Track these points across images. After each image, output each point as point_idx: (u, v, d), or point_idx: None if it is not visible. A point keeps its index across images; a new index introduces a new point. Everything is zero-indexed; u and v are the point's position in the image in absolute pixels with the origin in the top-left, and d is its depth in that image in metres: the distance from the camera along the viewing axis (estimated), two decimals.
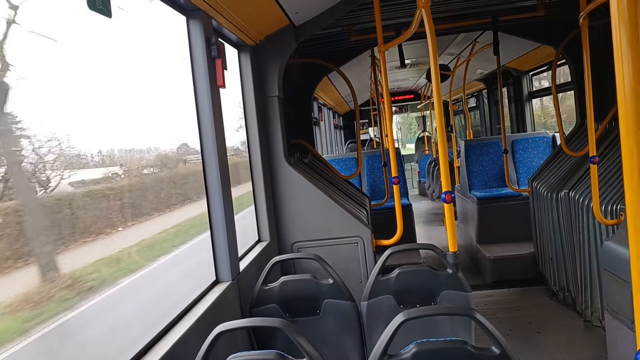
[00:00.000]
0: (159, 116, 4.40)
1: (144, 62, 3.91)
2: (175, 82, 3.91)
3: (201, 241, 4.39)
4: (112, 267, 3.63)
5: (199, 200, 4.86)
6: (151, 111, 4.25)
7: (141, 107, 4.02)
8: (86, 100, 3.18)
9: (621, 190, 4.03)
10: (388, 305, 2.85)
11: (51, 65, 2.71)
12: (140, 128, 4.22)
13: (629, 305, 2.93)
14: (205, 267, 3.12)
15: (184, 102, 3.08)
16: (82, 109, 3.16)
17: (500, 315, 5.05)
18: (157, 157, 4.79)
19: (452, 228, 2.98)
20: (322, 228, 4.06)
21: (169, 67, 4.14)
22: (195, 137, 2.99)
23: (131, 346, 2.19)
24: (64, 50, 2.67)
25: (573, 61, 5.47)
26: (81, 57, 2.93)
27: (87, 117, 3.25)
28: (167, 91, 4.33)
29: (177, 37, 2.93)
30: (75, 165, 3.22)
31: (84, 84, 3.13)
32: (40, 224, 2.81)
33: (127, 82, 3.68)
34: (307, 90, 5.77)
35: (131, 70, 3.70)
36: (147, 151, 4.60)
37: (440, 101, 2.89)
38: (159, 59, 4.09)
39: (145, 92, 4.07)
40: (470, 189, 7.02)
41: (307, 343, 1.81)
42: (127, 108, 3.77)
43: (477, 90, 11.53)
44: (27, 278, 2.62)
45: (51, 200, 2.98)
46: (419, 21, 2.99)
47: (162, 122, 4.57)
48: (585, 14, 3.67)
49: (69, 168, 3.08)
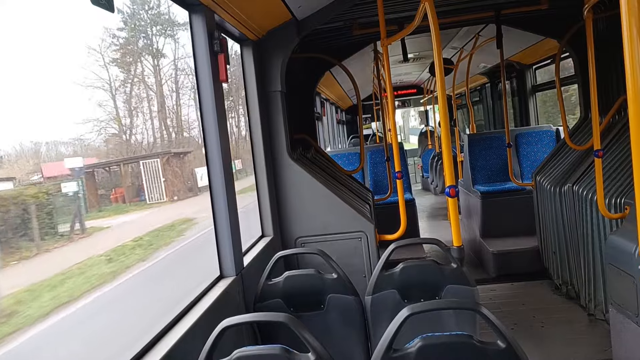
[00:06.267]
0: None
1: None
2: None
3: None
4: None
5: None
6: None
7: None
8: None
9: (625, 183, 4.01)
10: (392, 299, 2.85)
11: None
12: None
13: (633, 298, 2.92)
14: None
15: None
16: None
17: (504, 310, 5.05)
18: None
19: (456, 222, 2.97)
20: (325, 223, 4.05)
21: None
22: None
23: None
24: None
25: (577, 54, 5.44)
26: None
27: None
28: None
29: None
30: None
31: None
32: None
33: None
34: (309, 84, 5.76)
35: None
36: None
37: (444, 95, 2.88)
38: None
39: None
40: (474, 183, 7.00)
41: (312, 338, 1.82)
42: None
43: (481, 84, 11.49)
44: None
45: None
46: (422, 15, 2.98)
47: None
48: (589, 6, 3.65)
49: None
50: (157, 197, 10.97)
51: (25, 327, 3.28)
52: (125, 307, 4.54)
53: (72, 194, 5.40)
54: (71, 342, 3.75)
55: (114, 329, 4.07)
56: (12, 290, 3.39)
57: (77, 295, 4.23)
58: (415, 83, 15.88)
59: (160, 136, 12.86)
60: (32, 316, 3.43)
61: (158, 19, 13.35)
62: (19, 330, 3.22)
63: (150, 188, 10.90)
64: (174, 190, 11.25)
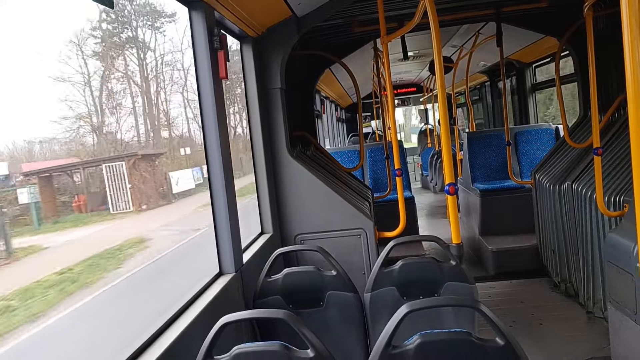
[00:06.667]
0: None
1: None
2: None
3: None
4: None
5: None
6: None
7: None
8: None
9: (624, 182, 4.02)
10: (391, 296, 2.85)
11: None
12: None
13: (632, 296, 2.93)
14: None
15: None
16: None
17: (503, 307, 5.06)
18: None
19: (455, 220, 2.98)
20: (325, 220, 4.06)
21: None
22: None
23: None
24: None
25: (577, 52, 5.44)
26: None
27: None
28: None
29: None
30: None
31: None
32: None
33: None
34: (309, 82, 5.75)
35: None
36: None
37: (443, 93, 2.89)
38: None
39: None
40: (473, 181, 7.01)
41: (311, 334, 1.82)
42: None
43: (480, 82, 11.48)
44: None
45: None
46: (422, 12, 2.98)
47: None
48: (589, 4, 3.65)
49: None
50: (124, 206, 9.70)
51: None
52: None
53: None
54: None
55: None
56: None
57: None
58: (415, 81, 15.88)
59: (137, 135, 12.01)
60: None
61: (142, 10, 12.86)
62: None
63: (115, 195, 9.62)
64: (142, 198, 10.00)
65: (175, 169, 11.12)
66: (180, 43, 19.51)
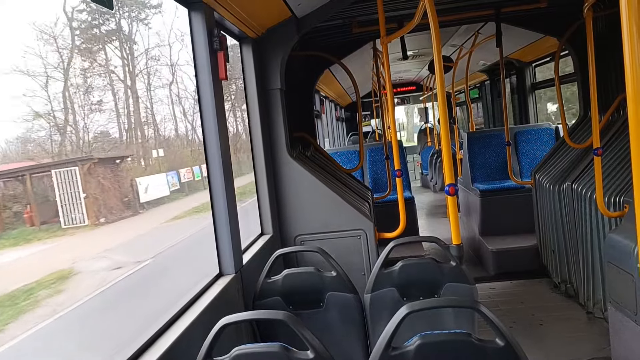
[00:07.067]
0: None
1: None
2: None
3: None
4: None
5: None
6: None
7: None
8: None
9: (624, 182, 4.02)
10: (391, 297, 2.85)
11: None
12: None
13: (632, 297, 2.93)
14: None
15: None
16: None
17: (503, 308, 5.06)
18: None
19: (455, 220, 2.98)
20: (324, 221, 4.06)
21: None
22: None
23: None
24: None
25: (576, 52, 5.44)
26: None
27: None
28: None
29: None
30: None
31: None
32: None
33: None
34: (309, 82, 5.75)
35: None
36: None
37: (443, 93, 2.89)
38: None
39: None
40: (473, 181, 7.01)
41: (311, 335, 1.82)
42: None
43: (480, 81, 11.48)
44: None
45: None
46: (422, 13, 2.98)
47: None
48: (589, 4, 3.65)
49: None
50: (79, 219, 8.23)
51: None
52: None
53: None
54: None
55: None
56: None
57: None
58: (415, 80, 15.87)
59: (106, 136, 10.52)
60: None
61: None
62: None
63: (68, 207, 8.15)
64: (100, 209, 8.46)
65: (146, 173, 9.78)
66: (157, 32, 18.35)
